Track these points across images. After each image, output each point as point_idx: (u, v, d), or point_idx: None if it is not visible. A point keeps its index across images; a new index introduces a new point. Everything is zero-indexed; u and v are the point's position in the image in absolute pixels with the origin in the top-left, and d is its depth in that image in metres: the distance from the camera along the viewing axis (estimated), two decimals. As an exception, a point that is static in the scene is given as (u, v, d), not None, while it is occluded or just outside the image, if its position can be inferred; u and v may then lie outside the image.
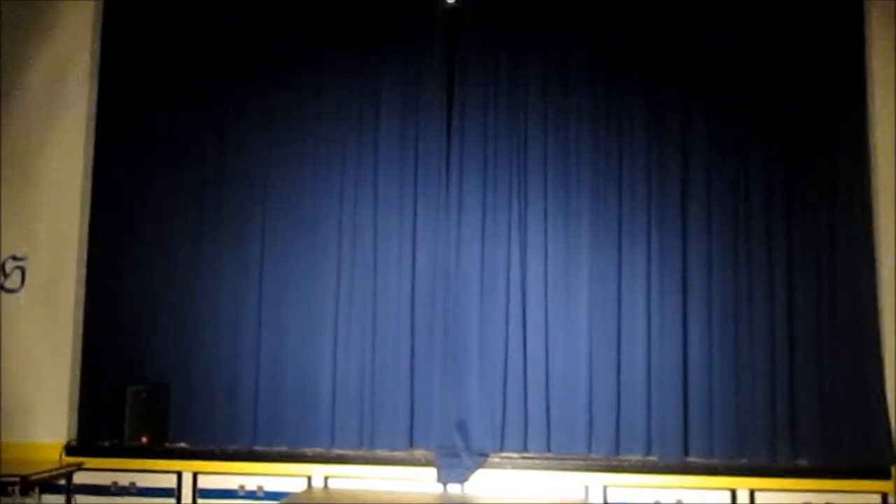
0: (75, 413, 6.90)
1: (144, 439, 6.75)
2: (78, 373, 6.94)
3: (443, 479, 6.44)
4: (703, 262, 6.67)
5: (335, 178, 7.01)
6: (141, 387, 6.78)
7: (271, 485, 6.55)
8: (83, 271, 7.03)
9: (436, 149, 6.93)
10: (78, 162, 7.06)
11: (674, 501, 6.31)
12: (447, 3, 7.05)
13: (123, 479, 6.68)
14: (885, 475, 6.25)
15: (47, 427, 6.79)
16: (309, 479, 6.55)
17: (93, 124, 7.13)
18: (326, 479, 6.55)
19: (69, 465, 6.63)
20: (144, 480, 6.67)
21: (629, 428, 6.58)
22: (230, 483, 6.61)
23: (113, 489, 6.67)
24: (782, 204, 6.70)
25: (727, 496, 6.31)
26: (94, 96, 7.15)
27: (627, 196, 6.80)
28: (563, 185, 6.87)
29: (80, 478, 6.65)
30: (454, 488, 6.44)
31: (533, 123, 6.92)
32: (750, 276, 6.65)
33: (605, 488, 6.37)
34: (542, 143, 6.91)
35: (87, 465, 6.67)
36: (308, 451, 6.70)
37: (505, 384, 6.68)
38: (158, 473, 6.67)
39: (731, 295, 6.65)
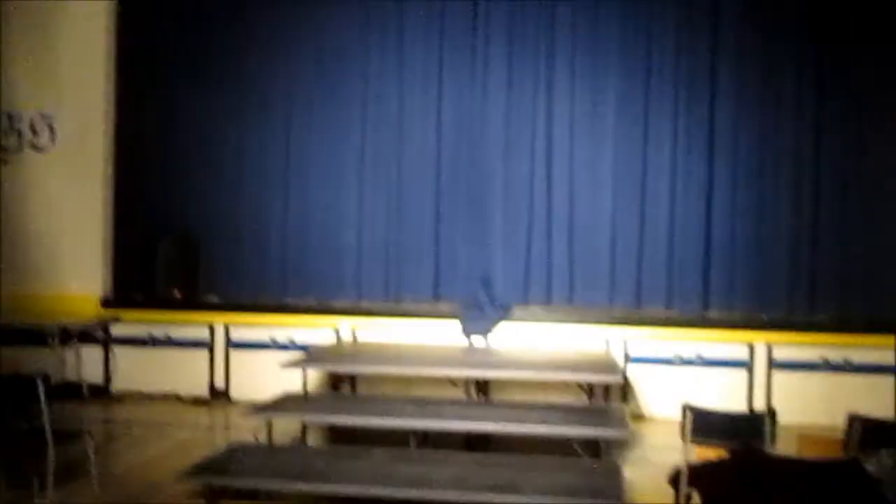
0: (109, 267, 7.10)
1: (176, 292, 6.94)
2: (110, 228, 7.10)
3: (467, 331, 6.60)
4: (730, 120, 6.64)
5: (357, 31, 6.96)
6: (171, 241, 6.96)
7: (301, 336, 6.73)
8: (111, 126, 7.10)
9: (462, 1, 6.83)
10: (101, 17, 7.04)
11: (693, 355, 6.45)
12: None
13: (158, 332, 6.90)
14: (902, 330, 6.33)
15: (81, 280, 6.99)
16: (337, 330, 6.74)
17: (117, -23, 7.08)
18: (354, 330, 6.74)
19: (106, 317, 6.84)
20: (179, 332, 6.89)
21: (651, 282, 6.69)
22: (261, 335, 6.81)
23: (148, 341, 6.90)
24: (813, 64, 6.59)
25: (745, 350, 6.43)
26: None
27: (656, 48, 6.71)
28: (591, 37, 6.78)
29: (116, 329, 6.89)
30: (478, 340, 6.60)
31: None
32: (777, 134, 6.62)
33: (625, 341, 6.50)
34: (570, -1, 6.78)
35: (122, 318, 6.88)
36: (336, 303, 6.89)
37: (529, 238, 6.79)
38: (192, 326, 6.88)
39: (756, 152, 6.64)
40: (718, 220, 6.65)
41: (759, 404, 6.31)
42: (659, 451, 5.19)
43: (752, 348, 6.43)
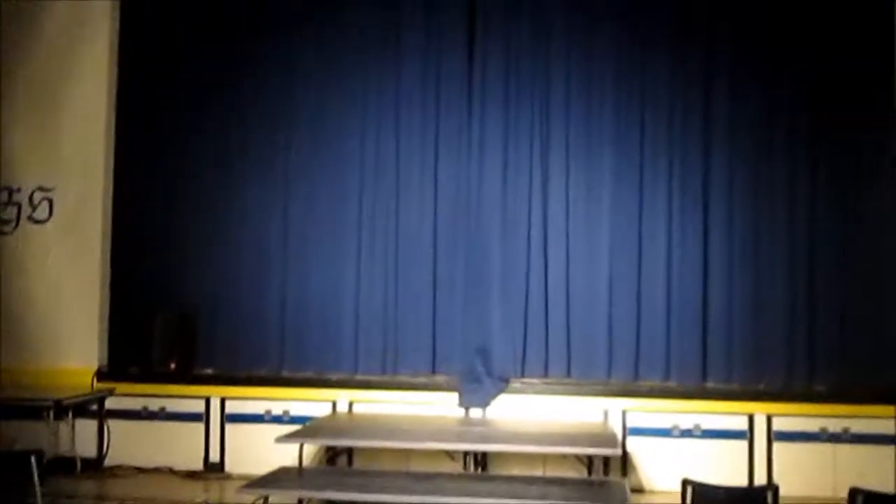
0: (105, 340, 7.07)
1: (172, 365, 6.91)
2: (107, 301, 7.10)
3: (464, 404, 6.57)
4: (725, 194, 6.69)
5: (356, 110, 7.05)
6: (168, 314, 6.94)
7: (297, 409, 6.69)
8: (109, 201, 7.15)
9: (458, 79, 6.94)
10: (102, 92, 7.15)
11: (692, 426, 6.42)
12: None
13: (153, 405, 6.86)
14: (901, 400, 6.30)
15: (78, 353, 6.97)
16: (334, 403, 6.71)
17: (116, 54, 7.20)
18: (351, 403, 6.72)
19: (101, 390, 6.81)
20: (174, 405, 6.85)
21: (648, 354, 6.67)
22: (257, 408, 6.77)
23: (143, 414, 6.85)
24: (807, 137, 6.66)
25: (744, 421, 6.40)
26: (118, 25, 7.21)
27: (650, 127, 6.79)
28: (585, 115, 6.87)
29: (111, 403, 6.84)
30: (476, 413, 6.57)
31: (555, 56, 6.91)
32: (772, 204, 6.66)
33: (624, 413, 6.47)
34: (565, 76, 6.90)
35: (118, 391, 6.84)
36: (333, 376, 6.87)
37: (526, 312, 6.78)
38: (187, 399, 6.84)
39: (752, 223, 6.67)
40: (715, 292, 6.65)
41: (760, 475, 6.26)
42: (660, 526, 5.13)
43: (751, 419, 6.39)
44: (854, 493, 3.97)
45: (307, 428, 6.15)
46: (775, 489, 4.09)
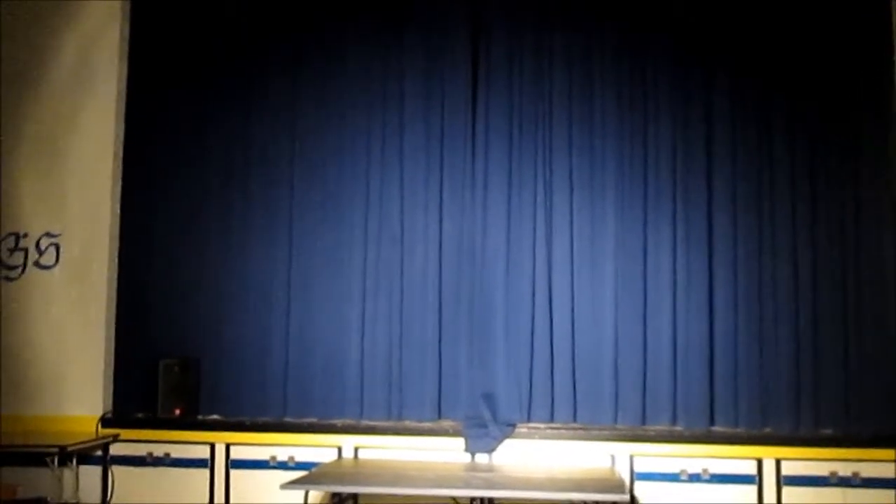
0: (109, 386, 7.06)
1: (177, 411, 6.89)
2: (112, 347, 7.10)
3: (470, 449, 6.55)
4: (729, 236, 6.67)
5: (360, 155, 7.09)
6: (173, 360, 6.92)
7: (302, 455, 6.68)
8: (115, 247, 7.18)
9: (461, 124, 6.97)
10: (109, 140, 7.20)
11: (700, 470, 6.38)
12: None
13: (158, 451, 6.84)
14: (911, 443, 6.25)
15: (82, 400, 6.96)
16: (339, 449, 6.69)
17: (123, 103, 7.27)
18: (356, 449, 6.69)
19: (105, 436, 6.80)
20: (178, 451, 6.83)
21: (655, 398, 6.62)
22: (262, 454, 6.75)
23: (148, 460, 6.84)
24: (807, 178, 6.67)
25: (753, 465, 6.36)
26: (124, 75, 7.30)
27: (652, 170, 6.79)
28: (588, 159, 6.89)
29: (115, 449, 6.84)
30: (482, 458, 6.55)
31: (557, 98, 6.94)
32: (775, 248, 6.65)
33: (631, 458, 6.44)
34: (567, 118, 6.93)
35: (122, 437, 6.84)
36: (338, 422, 6.83)
37: (531, 356, 6.74)
38: (192, 445, 6.82)
39: (755, 267, 6.65)
40: (720, 336, 6.62)
41: (770, 521, 6.20)
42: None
43: (760, 463, 6.35)
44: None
45: (312, 474, 6.13)
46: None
